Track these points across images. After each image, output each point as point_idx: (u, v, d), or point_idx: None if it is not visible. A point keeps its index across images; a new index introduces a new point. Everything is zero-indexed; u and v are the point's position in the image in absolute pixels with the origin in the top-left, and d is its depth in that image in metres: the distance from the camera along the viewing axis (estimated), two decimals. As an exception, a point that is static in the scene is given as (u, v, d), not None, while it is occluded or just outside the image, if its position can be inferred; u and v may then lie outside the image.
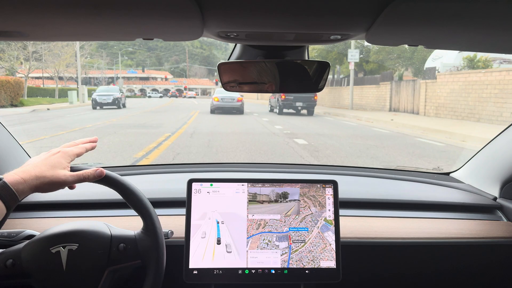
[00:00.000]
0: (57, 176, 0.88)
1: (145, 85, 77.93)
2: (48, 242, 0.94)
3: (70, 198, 1.32)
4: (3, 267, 0.92)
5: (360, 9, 0.70)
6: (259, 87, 1.06)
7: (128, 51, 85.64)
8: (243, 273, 1.10)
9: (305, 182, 1.15)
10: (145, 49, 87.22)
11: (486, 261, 1.30)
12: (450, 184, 1.58)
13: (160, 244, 0.96)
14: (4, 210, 0.82)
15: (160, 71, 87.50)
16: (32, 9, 0.68)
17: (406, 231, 1.26)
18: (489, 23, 0.73)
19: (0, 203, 0.81)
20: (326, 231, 1.13)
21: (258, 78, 1.04)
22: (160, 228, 0.98)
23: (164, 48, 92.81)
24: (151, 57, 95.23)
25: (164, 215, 1.21)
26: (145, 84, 78.68)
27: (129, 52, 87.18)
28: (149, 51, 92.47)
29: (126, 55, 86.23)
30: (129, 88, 73.16)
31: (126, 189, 0.96)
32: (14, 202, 0.83)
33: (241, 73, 1.05)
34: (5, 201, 0.81)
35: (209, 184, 1.14)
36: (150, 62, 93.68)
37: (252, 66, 1.03)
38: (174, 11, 0.69)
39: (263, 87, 1.06)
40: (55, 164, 0.89)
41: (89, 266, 0.93)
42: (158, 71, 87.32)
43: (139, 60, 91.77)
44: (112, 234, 0.97)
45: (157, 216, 0.98)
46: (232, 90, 1.07)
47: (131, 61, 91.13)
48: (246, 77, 1.05)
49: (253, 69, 1.03)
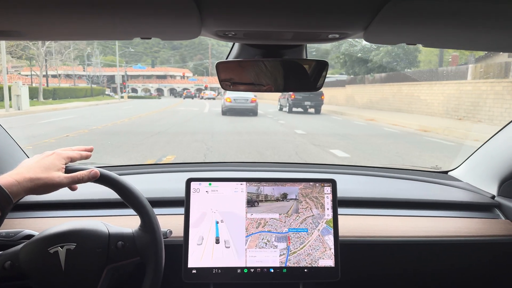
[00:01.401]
0: (51, 178, 0.87)
1: (162, 84, 68.70)
2: (45, 242, 0.93)
3: (68, 197, 1.32)
4: (2, 269, 0.91)
5: (358, 7, 0.70)
6: (257, 86, 1.06)
7: (153, 50, 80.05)
8: (242, 272, 1.10)
9: (303, 181, 1.15)
10: (169, 48, 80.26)
11: (484, 259, 1.30)
12: (448, 183, 1.58)
13: (158, 240, 0.96)
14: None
15: (178, 68, 76.81)
16: (30, 9, 0.68)
17: (405, 230, 1.26)
18: (488, 21, 0.73)
19: None
20: (326, 234, 1.13)
21: (256, 77, 1.04)
22: (158, 225, 0.98)
23: (188, 47, 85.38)
24: (175, 55, 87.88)
25: (163, 215, 1.21)
26: (162, 83, 69.20)
27: (153, 51, 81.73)
28: (173, 50, 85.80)
29: (150, 54, 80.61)
30: (144, 88, 66.38)
31: (123, 187, 0.96)
32: (7, 204, 0.82)
33: (239, 72, 1.05)
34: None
35: (208, 183, 1.14)
36: (174, 60, 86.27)
37: (250, 65, 1.03)
38: (172, 10, 0.69)
39: (261, 86, 1.06)
40: (49, 166, 0.88)
41: (88, 265, 0.93)
42: (176, 68, 77.39)
43: (162, 59, 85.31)
44: (110, 232, 0.97)
45: (154, 213, 0.98)
46: (230, 89, 1.07)
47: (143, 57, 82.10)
48: (244, 76, 1.05)
49: (251, 68, 1.03)
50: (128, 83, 66.38)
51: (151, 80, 68.69)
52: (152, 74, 69.70)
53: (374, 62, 21.83)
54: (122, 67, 56.99)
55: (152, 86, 67.05)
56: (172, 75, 72.68)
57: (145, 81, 68.14)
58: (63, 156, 0.92)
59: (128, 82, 66.18)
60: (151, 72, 68.70)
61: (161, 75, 71.58)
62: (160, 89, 67.13)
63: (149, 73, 69.57)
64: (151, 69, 66.77)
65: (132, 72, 66.85)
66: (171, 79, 71.02)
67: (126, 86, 54.76)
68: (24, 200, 0.96)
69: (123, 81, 54.63)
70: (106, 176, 0.95)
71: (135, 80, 68.63)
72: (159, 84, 67.94)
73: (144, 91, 65.67)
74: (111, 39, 0.93)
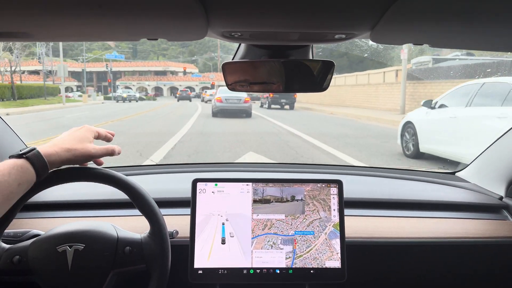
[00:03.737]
0: (86, 148, 0.92)
1: (160, 82, 56.36)
2: (55, 240, 0.94)
3: (76, 198, 1.33)
4: (10, 263, 0.93)
5: (365, 7, 0.69)
6: (264, 87, 1.06)
7: (161, 47, 73.40)
8: (248, 273, 1.10)
9: (309, 182, 1.15)
10: (178, 45, 72.15)
11: (492, 261, 1.29)
12: (456, 184, 1.57)
13: (165, 250, 0.96)
14: (34, 178, 0.84)
15: (179, 63, 63.56)
16: (38, 10, 0.69)
17: (411, 231, 1.26)
18: (496, 21, 0.73)
19: (32, 172, 0.83)
20: (334, 238, 1.12)
21: (262, 77, 1.04)
22: (167, 234, 0.97)
23: (198, 43, 74.65)
24: (184, 53, 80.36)
25: (169, 215, 1.21)
26: (161, 80, 56.93)
27: (161, 48, 75.20)
28: (182, 47, 77.97)
29: (159, 51, 74.21)
30: (140, 86, 54.94)
31: (135, 191, 0.96)
32: (44, 172, 0.85)
33: (245, 73, 1.05)
34: (36, 170, 0.83)
35: (214, 184, 1.14)
36: (183, 58, 77.31)
37: (257, 66, 1.03)
38: (179, 11, 0.69)
39: (267, 86, 1.05)
40: (83, 137, 0.93)
41: (94, 267, 0.93)
42: (177, 62, 64.45)
43: (170, 56, 76.66)
44: (118, 236, 0.97)
45: (164, 222, 0.98)
46: (237, 90, 1.07)
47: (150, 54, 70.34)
48: (251, 77, 1.05)
49: (258, 69, 1.03)
50: (121, 80, 54.67)
51: (147, 77, 57.70)
52: (149, 70, 58.21)
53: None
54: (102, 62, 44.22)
55: (149, 84, 56.44)
56: (173, 71, 60.64)
57: (140, 79, 57.49)
58: (92, 129, 0.98)
59: (121, 80, 54.46)
60: (148, 67, 56.38)
61: (160, 70, 59.41)
62: (158, 88, 56.42)
63: (145, 69, 57.47)
64: (130, 65, 53.43)
65: (122, 68, 54.55)
66: (172, 76, 59.59)
67: (111, 84, 44.03)
68: (31, 200, 0.96)
69: (108, 78, 44.48)
70: (118, 178, 0.95)
71: (130, 77, 57.19)
72: (157, 82, 57.14)
73: (140, 90, 54.11)
74: (118, 40, 0.94)
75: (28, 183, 0.83)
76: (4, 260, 0.93)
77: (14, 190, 0.80)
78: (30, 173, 0.83)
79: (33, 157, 0.83)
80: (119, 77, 56.43)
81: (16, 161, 0.82)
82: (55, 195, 1.33)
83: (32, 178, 0.84)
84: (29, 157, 0.83)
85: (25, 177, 0.82)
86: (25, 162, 0.83)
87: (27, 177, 0.82)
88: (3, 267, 0.93)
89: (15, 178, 0.80)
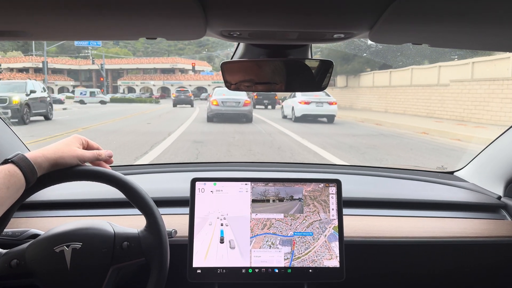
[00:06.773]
0: (74, 150, 0.94)
1: (168, 82, 47.49)
2: (52, 241, 0.94)
3: (73, 197, 1.33)
4: (8, 267, 0.92)
5: (364, 7, 0.69)
6: (263, 86, 1.06)
7: (177, 47, 66.52)
8: (247, 272, 1.10)
9: (308, 181, 1.15)
10: (195, 45, 64.07)
11: (490, 260, 1.29)
12: (454, 183, 1.58)
13: (163, 241, 0.96)
14: (22, 181, 0.85)
15: (187, 59, 52.62)
16: (36, 9, 0.69)
17: (410, 230, 1.26)
18: (495, 21, 0.73)
19: (20, 175, 0.84)
20: (333, 241, 1.12)
21: (261, 77, 1.04)
22: (163, 226, 0.98)
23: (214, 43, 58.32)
24: (200, 52, 67.06)
25: (168, 214, 1.21)
26: (168, 79, 48.37)
27: (177, 48, 68.00)
28: (199, 47, 67.07)
29: (175, 51, 66.39)
30: (144, 86, 47.41)
31: (129, 187, 0.96)
32: (32, 174, 0.86)
33: (244, 73, 1.05)
34: (24, 172, 0.85)
35: (213, 183, 1.14)
36: (199, 57, 64.05)
37: (256, 65, 1.03)
38: (177, 10, 0.69)
39: (266, 86, 1.05)
40: (69, 142, 0.96)
41: (93, 265, 0.93)
42: (186, 59, 53.45)
43: (188, 57, 67.01)
44: (115, 232, 0.97)
45: (160, 214, 0.98)
46: (235, 90, 1.07)
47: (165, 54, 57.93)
48: (250, 77, 1.05)
49: (257, 68, 1.03)
50: (123, 80, 48.02)
51: (153, 76, 49.29)
52: (155, 68, 50.00)
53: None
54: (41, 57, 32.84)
55: (155, 84, 48.36)
56: (182, 69, 51.50)
57: (144, 78, 49.24)
58: (80, 137, 1.00)
59: (123, 79, 47.86)
60: (153, 64, 48.15)
61: (167, 68, 50.56)
62: (165, 89, 48.18)
63: (151, 66, 48.98)
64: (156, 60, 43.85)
65: (124, 65, 46.82)
66: (180, 75, 50.62)
67: (104, 83, 37.75)
68: (29, 200, 0.96)
69: (101, 76, 38.27)
70: (113, 176, 0.95)
71: (133, 76, 50.06)
72: (163, 82, 48.60)
73: (144, 91, 47.62)
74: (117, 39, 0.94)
75: (17, 186, 0.84)
76: (2, 264, 0.93)
77: (3, 194, 0.82)
78: (18, 176, 0.84)
79: (18, 161, 0.85)
80: (122, 76, 49.68)
81: (2, 166, 0.84)
82: (53, 194, 1.33)
83: (21, 181, 0.85)
84: (14, 161, 0.85)
85: (13, 180, 0.83)
86: (12, 166, 0.84)
87: (15, 180, 0.84)
88: (2, 272, 0.92)
89: (3, 182, 0.82)
